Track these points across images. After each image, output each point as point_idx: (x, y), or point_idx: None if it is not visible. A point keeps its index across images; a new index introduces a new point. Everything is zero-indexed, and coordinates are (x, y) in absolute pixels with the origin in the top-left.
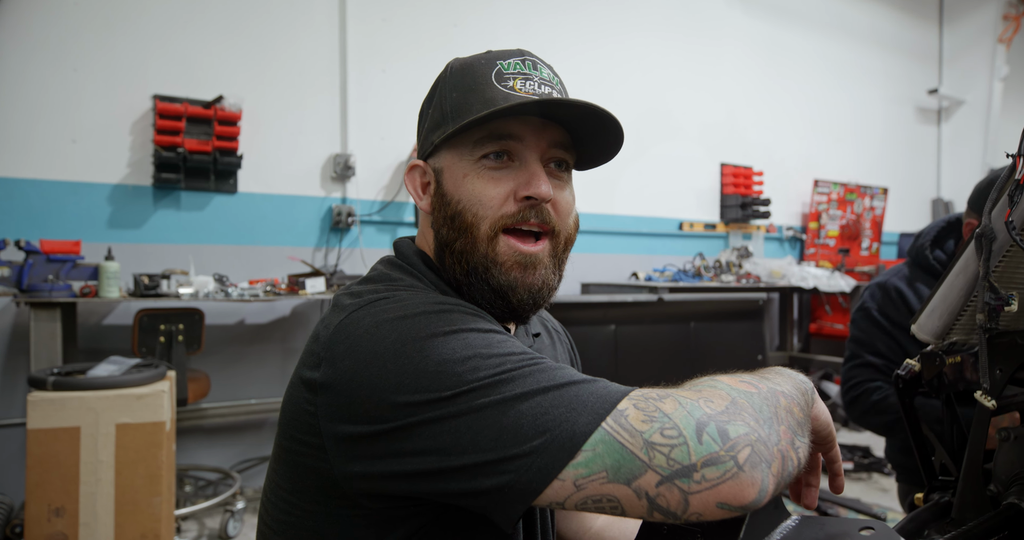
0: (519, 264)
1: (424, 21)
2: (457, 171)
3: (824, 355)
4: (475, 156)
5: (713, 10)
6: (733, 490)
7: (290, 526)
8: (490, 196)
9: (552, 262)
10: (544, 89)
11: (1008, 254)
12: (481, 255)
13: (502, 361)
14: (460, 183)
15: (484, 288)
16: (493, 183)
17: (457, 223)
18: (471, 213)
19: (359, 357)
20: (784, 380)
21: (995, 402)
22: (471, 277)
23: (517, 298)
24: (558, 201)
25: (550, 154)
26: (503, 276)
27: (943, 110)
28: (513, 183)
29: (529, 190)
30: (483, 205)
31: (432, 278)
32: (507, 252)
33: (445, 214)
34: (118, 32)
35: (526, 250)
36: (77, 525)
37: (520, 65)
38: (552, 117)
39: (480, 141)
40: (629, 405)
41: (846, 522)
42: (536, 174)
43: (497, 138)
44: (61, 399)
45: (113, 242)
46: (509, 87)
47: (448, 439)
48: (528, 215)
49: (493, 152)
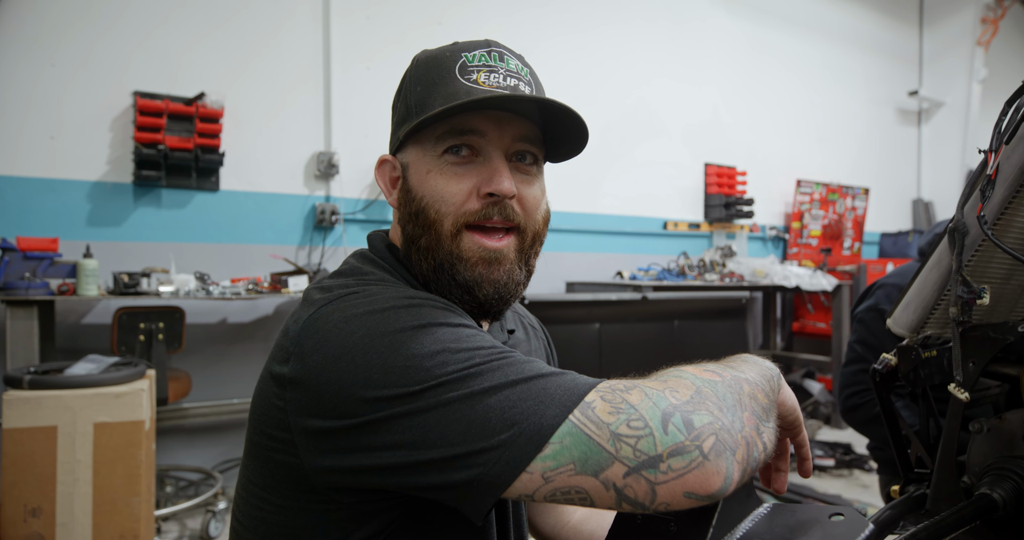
0: (484, 260)
1: (408, 19)
2: (421, 166)
3: (806, 353)
4: (438, 151)
5: (697, 10)
6: (699, 479)
7: (262, 522)
8: (452, 193)
9: (518, 257)
10: (510, 81)
11: (980, 248)
12: (446, 252)
13: (471, 355)
14: (424, 179)
15: (451, 284)
16: (456, 179)
17: (421, 220)
18: (434, 210)
19: (328, 352)
20: (749, 367)
21: (968, 394)
22: (438, 273)
23: (483, 293)
24: (524, 196)
25: (515, 148)
26: (468, 272)
27: (923, 111)
28: (476, 179)
29: (491, 186)
30: (445, 202)
31: (402, 272)
32: (471, 248)
33: (410, 210)
34: (97, 27)
35: (491, 246)
36: (54, 525)
37: (486, 57)
38: (514, 110)
39: (442, 136)
40: (596, 397)
41: (817, 509)
42: (498, 170)
43: (459, 133)
44: (37, 398)
45: (92, 240)
46: (472, 80)
47: (417, 433)
48: (491, 212)
49: (454, 146)
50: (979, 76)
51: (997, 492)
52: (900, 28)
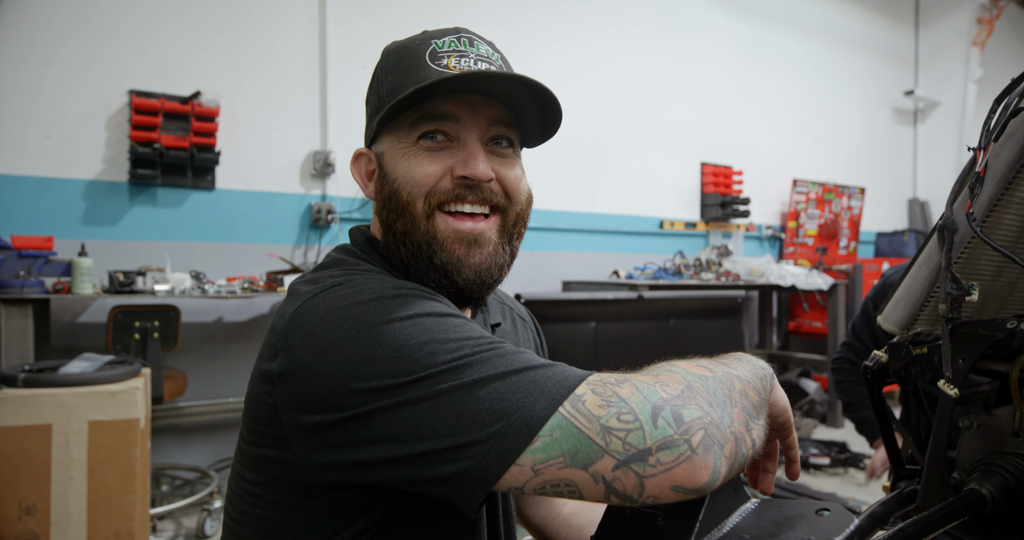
0: (461, 242)
1: (405, 19)
2: (396, 152)
3: (802, 352)
4: (412, 138)
5: (693, 10)
6: (687, 473)
7: (255, 518)
8: (424, 173)
9: (501, 239)
10: (481, 65)
11: (969, 245)
12: (422, 233)
13: (459, 346)
14: (397, 163)
15: (428, 267)
16: (429, 161)
17: (393, 203)
18: (406, 191)
19: (315, 345)
20: (742, 365)
21: (957, 391)
22: (416, 257)
23: (463, 278)
24: (504, 177)
25: (491, 133)
26: (445, 253)
27: (919, 111)
28: (450, 161)
29: (465, 170)
30: (417, 183)
31: (383, 264)
32: (446, 229)
33: (383, 195)
34: (93, 26)
35: (466, 227)
36: (49, 524)
37: (455, 42)
38: (485, 92)
39: (416, 122)
40: (587, 390)
41: (803, 504)
42: (473, 154)
43: (432, 118)
44: (32, 396)
45: (87, 239)
46: (443, 65)
47: (406, 426)
48: (464, 194)
49: (428, 132)
50: (975, 76)
51: (986, 487)
52: (896, 28)
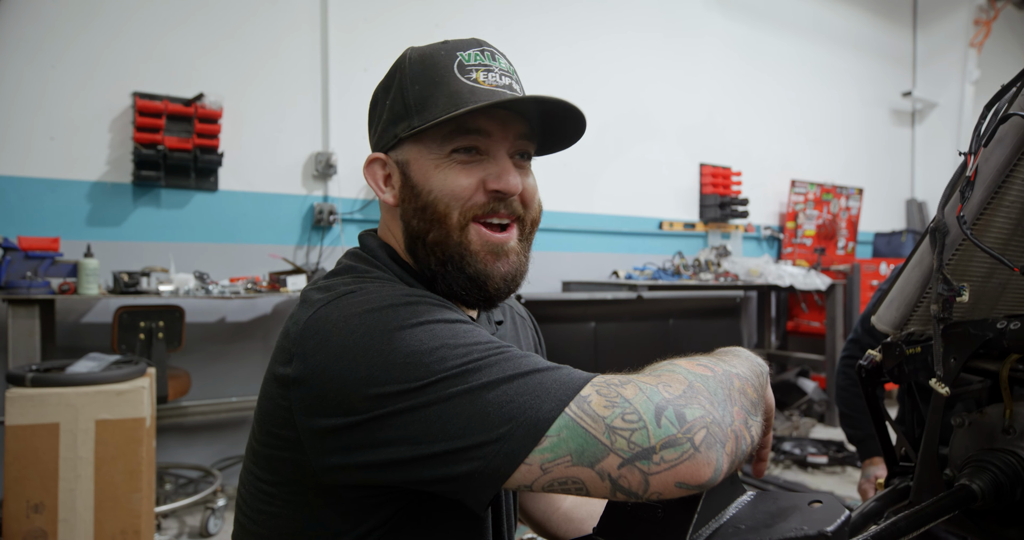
0: (492, 253)
1: (406, 21)
2: (427, 163)
3: (800, 352)
4: (445, 150)
5: (692, 12)
6: (690, 470)
7: (270, 516)
8: (462, 187)
9: (521, 247)
10: (504, 80)
11: (960, 248)
12: (455, 244)
13: (469, 351)
14: (431, 174)
15: (460, 277)
16: (464, 174)
17: (428, 214)
18: (443, 204)
19: (330, 351)
20: (740, 362)
21: (949, 389)
22: (447, 266)
23: (494, 287)
24: (525, 188)
25: (517, 147)
26: (478, 264)
27: (917, 112)
28: (483, 174)
29: (499, 184)
30: (454, 196)
31: (397, 270)
32: (478, 241)
33: (415, 206)
34: (97, 29)
35: (496, 239)
36: (56, 521)
37: (480, 56)
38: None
39: (449, 135)
40: (592, 391)
41: (797, 497)
42: (506, 169)
43: (466, 133)
44: (40, 395)
45: (92, 240)
46: (472, 79)
47: (419, 428)
48: (498, 207)
49: (463, 147)
50: (972, 77)
51: (976, 483)
52: (894, 30)
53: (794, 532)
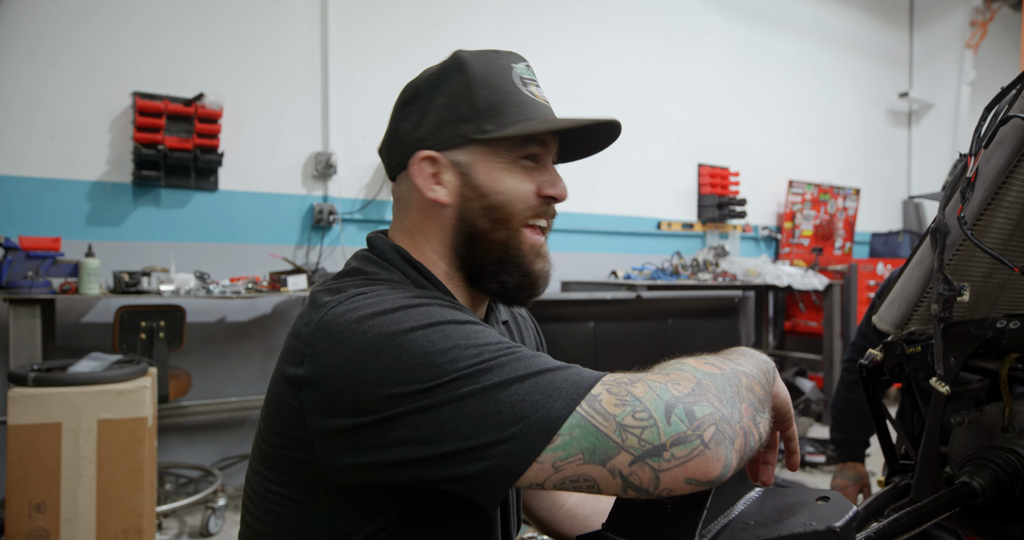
0: (537, 255)
1: (406, 21)
2: (495, 165)
3: (798, 352)
4: (514, 155)
5: (691, 13)
6: (700, 466)
7: (279, 516)
8: (528, 191)
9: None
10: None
11: (961, 248)
12: (514, 245)
13: (480, 351)
14: (499, 177)
15: (516, 273)
16: (528, 179)
17: (497, 213)
18: (512, 206)
19: (342, 352)
20: (747, 360)
21: (949, 388)
22: (505, 264)
23: (539, 285)
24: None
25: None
26: (527, 265)
27: (913, 113)
28: (538, 181)
29: (555, 191)
30: (522, 198)
31: (408, 272)
32: (527, 242)
33: (483, 205)
34: (97, 28)
35: (540, 241)
36: (58, 521)
37: (527, 71)
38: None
39: (521, 143)
40: (602, 390)
41: (805, 492)
42: (558, 176)
43: (536, 143)
44: (42, 395)
45: (93, 239)
46: (530, 92)
47: (431, 428)
48: (548, 211)
49: (531, 155)
50: (968, 78)
51: (976, 481)
52: (890, 31)
53: (803, 528)
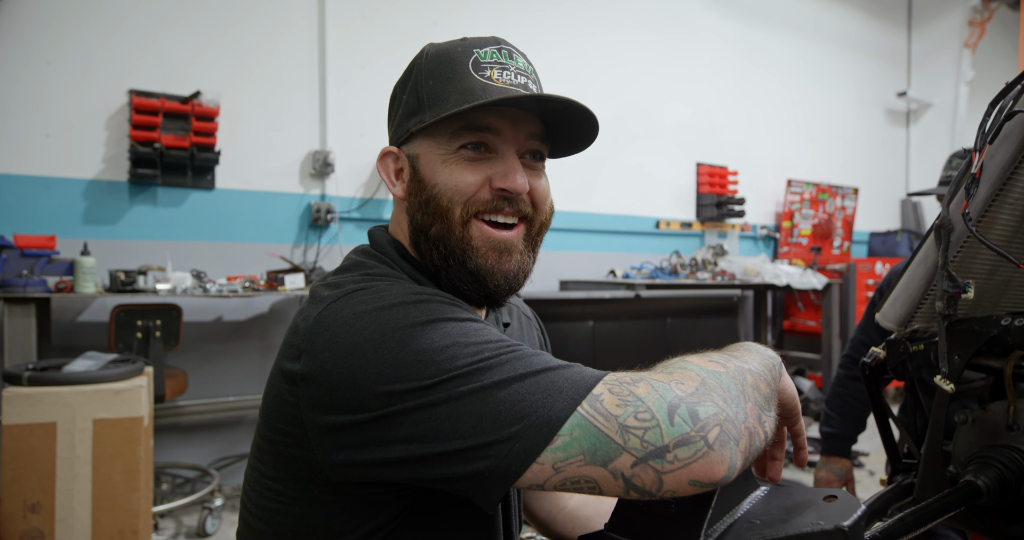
0: (494, 250)
1: (403, 19)
2: (434, 157)
3: (797, 351)
4: (453, 146)
5: (689, 11)
6: (704, 468)
7: (276, 513)
8: (467, 182)
9: (527, 247)
10: (520, 79)
11: (965, 244)
12: (457, 239)
13: (479, 349)
14: (437, 169)
15: (462, 272)
16: (470, 170)
17: (431, 208)
18: (446, 198)
19: (340, 348)
20: (752, 356)
21: (953, 386)
22: (449, 261)
23: (494, 283)
24: (535, 189)
25: (527, 146)
26: (479, 260)
27: (911, 112)
28: (490, 172)
29: (505, 183)
30: (458, 191)
31: (406, 267)
32: (480, 237)
33: (420, 199)
34: (93, 26)
35: (499, 236)
36: (53, 521)
37: (496, 54)
38: (530, 110)
39: (458, 131)
40: (604, 390)
41: (812, 491)
42: (513, 168)
43: (475, 130)
44: (37, 394)
45: (88, 238)
46: (486, 77)
47: (429, 426)
48: (502, 205)
49: (471, 143)
50: (966, 78)
51: (981, 479)
52: (889, 30)
53: (810, 527)
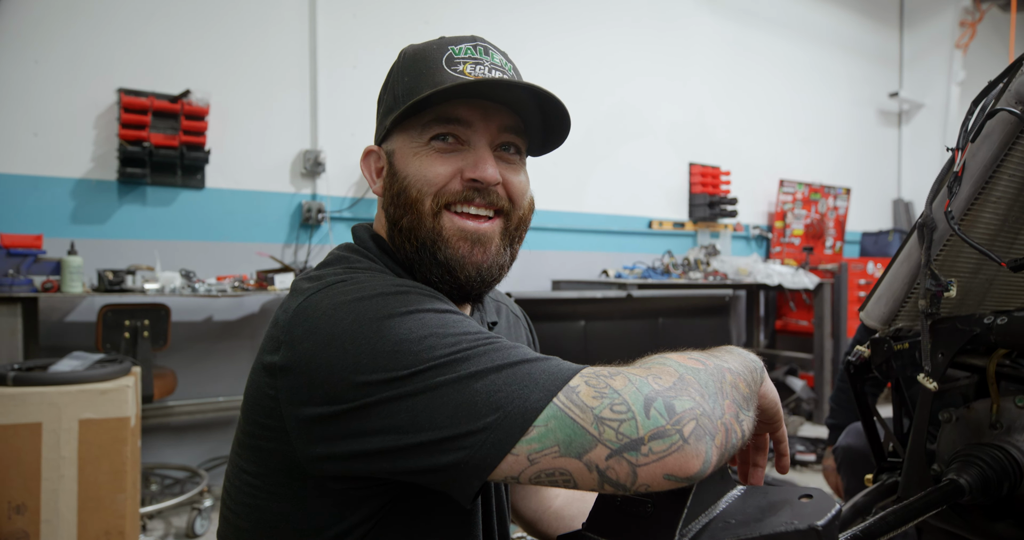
0: (466, 240)
1: (395, 18)
2: (407, 151)
3: (789, 351)
4: (424, 138)
5: (682, 11)
6: (679, 462)
7: (255, 509)
8: (436, 173)
9: (503, 241)
10: (495, 74)
11: (948, 243)
12: (427, 230)
13: (458, 340)
14: (408, 161)
15: (432, 263)
16: (440, 161)
17: (402, 199)
18: (415, 189)
19: (318, 339)
20: (733, 358)
21: (937, 384)
22: (421, 253)
23: (465, 275)
24: (510, 182)
25: (500, 139)
26: (449, 250)
27: (903, 113)
28: (461, 163)
29: (475, 173)
30: (427, 182)
31: (387, 262)
32: (451, 227)
33: (392, 192)
34: (82, 23)
35: (471, 226)
36: (39, 522)
37: (471, 50)
38: (496, 99)
39: (428, 124)
40: (581, 382)
41: (787, 490)
42: (483, 158)
43: (444, 121)
44: (22, 394)
45: (76, 237)
46: (459, 71)
47: (406, 417)
48: (472, 196)
49: (441, 134)
50: (958, 78)
51: (964, 478)
52: (881, 30)
53: (784, 526)
